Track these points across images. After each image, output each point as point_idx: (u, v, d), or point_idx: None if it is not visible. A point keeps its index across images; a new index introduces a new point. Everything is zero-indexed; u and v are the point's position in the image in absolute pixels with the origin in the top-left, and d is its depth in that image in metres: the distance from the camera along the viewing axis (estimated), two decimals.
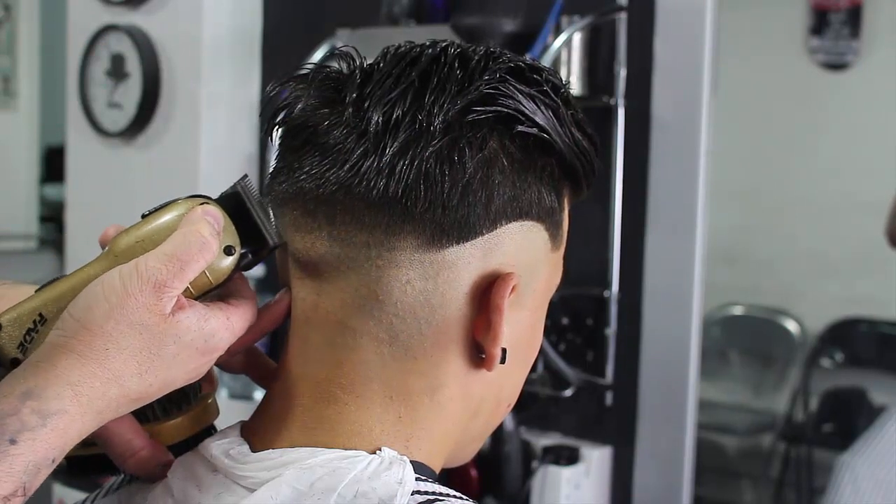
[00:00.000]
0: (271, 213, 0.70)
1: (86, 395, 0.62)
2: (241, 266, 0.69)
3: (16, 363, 0.67)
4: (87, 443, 0.65)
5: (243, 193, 0.69)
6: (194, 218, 0.66)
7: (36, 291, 0.69)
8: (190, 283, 0.65)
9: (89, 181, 2.51)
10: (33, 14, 4.06)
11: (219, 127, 2.32)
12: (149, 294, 0.63)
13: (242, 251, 0.68)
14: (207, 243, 0.65)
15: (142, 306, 0.63)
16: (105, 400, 0.63)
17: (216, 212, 0.67)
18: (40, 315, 0.68)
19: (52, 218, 4.06)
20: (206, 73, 2.29)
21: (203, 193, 0.71)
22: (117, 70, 2.38)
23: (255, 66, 2.36)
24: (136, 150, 2.39)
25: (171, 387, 0.66)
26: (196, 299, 0.66)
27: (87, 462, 0.74)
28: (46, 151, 4.29)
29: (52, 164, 4.01)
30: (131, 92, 2.35)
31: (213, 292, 0.68)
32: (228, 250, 0.67)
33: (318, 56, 2.07)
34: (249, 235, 0.68)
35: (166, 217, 0.68)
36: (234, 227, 0.68)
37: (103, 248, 0.70)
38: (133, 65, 2.34)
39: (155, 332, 0.63)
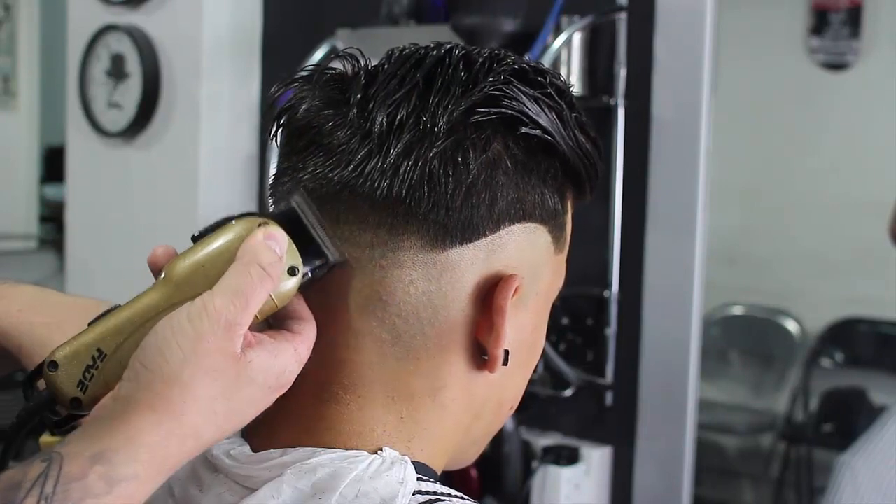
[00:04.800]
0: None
1: (161, 455, 0.59)
2: (301, 285, 0.66)
3: (76, 403, 0.64)
4: None
5: (300, 209, 0.66)
6: (256, 245, 0.64)
7: (89, 324, 0.66)
8: None
9: (89, 181, 2.51)
10: (33, 14, 4.05)
11: (219, 127, 2.32)
12: (221, 336, 0.61)
13: (304, 270, 0.65)
14: (270, 274, 0.63)
15: (215, 350, 0.61)
16: (180, 457, 0.61)
17: (279, 234, 0.64)
18: (99, 350, 0.64)
19: (52, 218, 4.05)
20: (206, 73, 2.29)
21: (255, 210, 0.68)
22: (117, 70, 2.38)
23: (255, 66, 2.36)
24: (136, 150, 2.39)
25: (241, 426, 0.64)
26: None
27: None
28: (46, 151, 4.28)
29: (52, 164, 4.00)
30: (131, 92, 2.35)
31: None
32: (292, 271, 0.64)
33: (318, 56, 2.07)
34: (308, 252, 0.66)
35: (224, 240, 0.65)
36: (295, 247, 0.65)
37: (154, 270, 0.67)
38: (133, 65, 2.34)
39: (230, 375, 0.61)
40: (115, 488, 0.57)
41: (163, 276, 0.66)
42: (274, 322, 0.66)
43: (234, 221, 0.66)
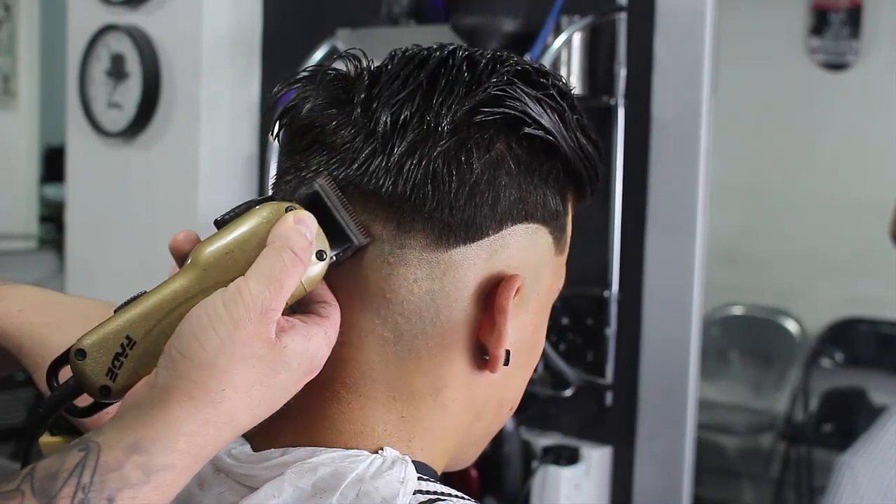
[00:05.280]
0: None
1: (198, 444, 0.59)
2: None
3: (105, 391, 0.64)
4: None
5: (323, 192, 0.66)
6: (287, 230, 0.64)
7: (115, 311, 0.65)
8: None
9: (89, 181, 2.51)
10: (33, 14, 4.05)
11: (219, 127, 2.32)
12: (257, 322, 0.61)
13: (332, 254, 0.65)
14: (302, 259, 0.63)
15: (252, 336, 0.61)
16: (216, 445, 0.61)
17: (309, 219, 0.64)
18: (128, 338, 0.63)
19: (52, 218, 4.05)
20: (206, 73, 2.30)
21: (270, 195, 0.68)
22: (117, 70, 2.38)
23: (255, 66, 2.37)
24: (136, 150, 2.39)
25: (273, 412, 0.64)
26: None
27: None
28: (46, 151, 4.28)
29: (52, 164, 4.00)
30: (131, 92, 2.35)
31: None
32: (320, 255, 0.65)
33: (317, 56, 2.07)
34: (334, 236, 0.65)
35: (250, 224, 0.65)
36: (322, 231, 0.65)
37: (176, 256, 0.67)
38: (133, 65, 2.34)
39: (266, 361, 0.61)
40: (152, 478, 0.57)
41: (189, 261, 0.65)
42: (298, 307, 0.66)
43: (258, 206, 0.66)
